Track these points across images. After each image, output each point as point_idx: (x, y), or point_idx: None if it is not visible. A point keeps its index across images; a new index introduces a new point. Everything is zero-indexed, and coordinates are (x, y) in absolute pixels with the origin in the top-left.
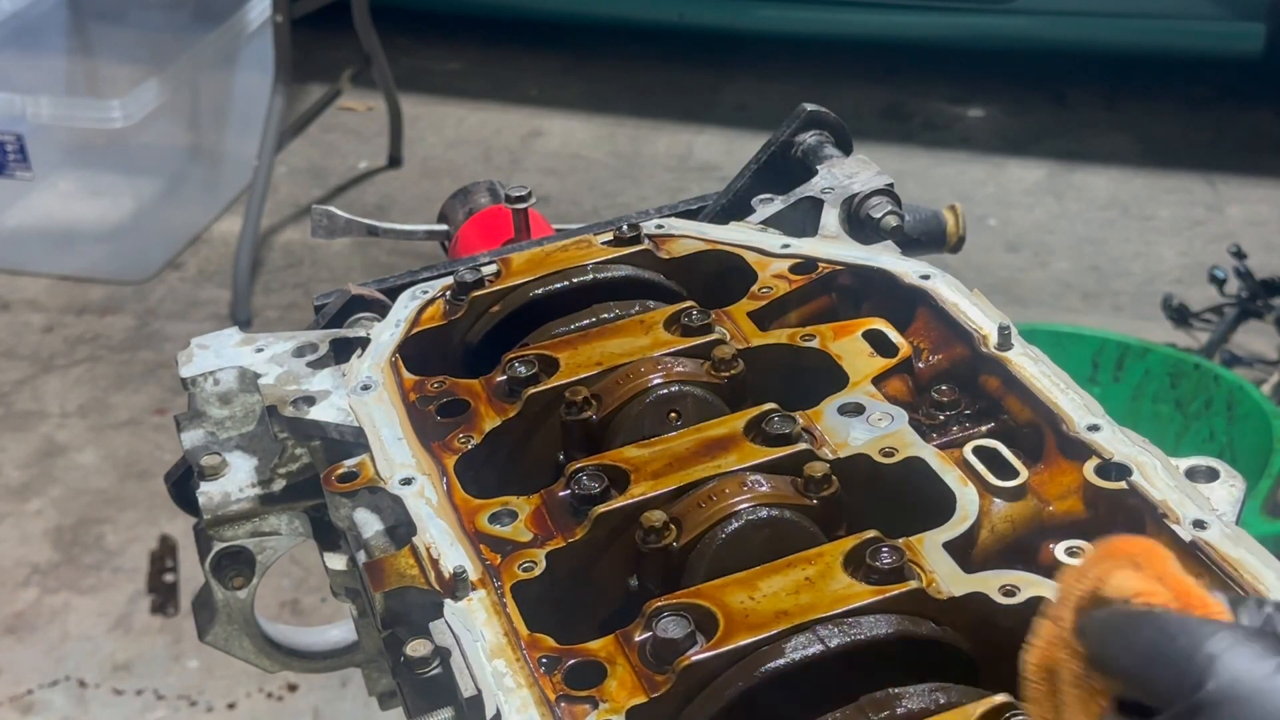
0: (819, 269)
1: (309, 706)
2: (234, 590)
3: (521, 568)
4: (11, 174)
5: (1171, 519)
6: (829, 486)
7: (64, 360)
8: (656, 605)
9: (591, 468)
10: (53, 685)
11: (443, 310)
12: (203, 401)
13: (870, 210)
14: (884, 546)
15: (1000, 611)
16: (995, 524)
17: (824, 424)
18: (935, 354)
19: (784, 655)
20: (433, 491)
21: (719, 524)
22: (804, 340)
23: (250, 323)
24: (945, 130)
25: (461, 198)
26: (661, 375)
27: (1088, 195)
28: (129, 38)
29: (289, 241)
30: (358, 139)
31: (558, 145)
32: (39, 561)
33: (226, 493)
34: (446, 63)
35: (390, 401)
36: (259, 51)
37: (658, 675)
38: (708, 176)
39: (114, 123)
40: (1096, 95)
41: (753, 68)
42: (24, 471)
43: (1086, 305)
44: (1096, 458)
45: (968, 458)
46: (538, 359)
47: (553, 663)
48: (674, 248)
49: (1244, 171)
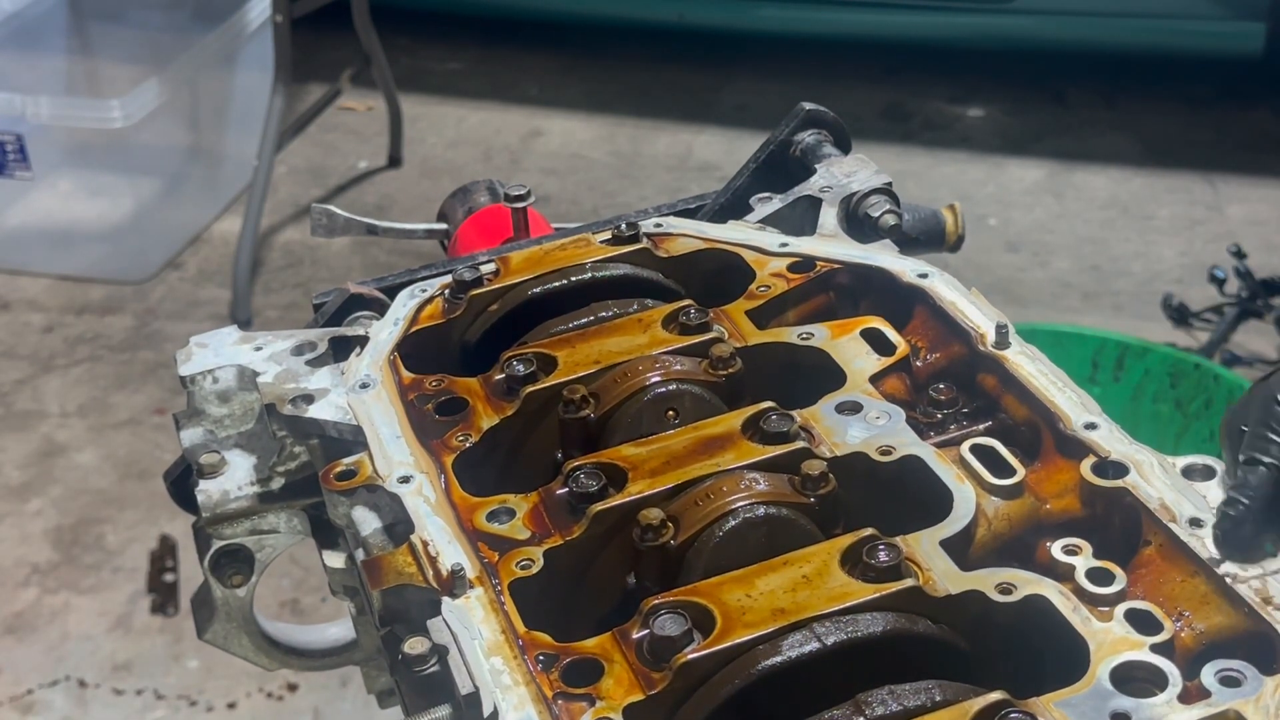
0: (817, 268)
1: (309, 706)
2: (233, 588)
3: (519, 565)
4: (11, 174)
5: (1168, 517)
6: (826, 484)
7: (64, 360)
8: (654, 603)
9: (589, 466)
10: (53, 685)
11: (441, 309)
12: (202, 400)
13: (868, 209)
14: (881, 544)
15: (997, 609)
16: (992, 522)
17: (821, 422)
18: (933, 352)
19: (781, 653)
20: (431, 489)
21: (716, 522)
22: (802, 339)
23: (250, 322)
24: (945, 130)
25: (461, 197)
26: (659, 374)
27: (1088, 195)
28: (129, 38)
29: (289, 241)
30: (358, 139)
31: (558, 145)
32: (39, 561)
33: (225, 491)
34: (446, 63)
35: (389, 400)
36: (259, 51)
37: (655, 673)
38: (707, 176)
39: (114, 123)
40: (1096, 95)
41: (753, 68)
42: (24, 471)
43: (1086, 305)
44: (1093, 456)
45: (965, 456)
46: (536, 357)
47: (550, 660)
48: (672, 246)
49: (1244, 171)
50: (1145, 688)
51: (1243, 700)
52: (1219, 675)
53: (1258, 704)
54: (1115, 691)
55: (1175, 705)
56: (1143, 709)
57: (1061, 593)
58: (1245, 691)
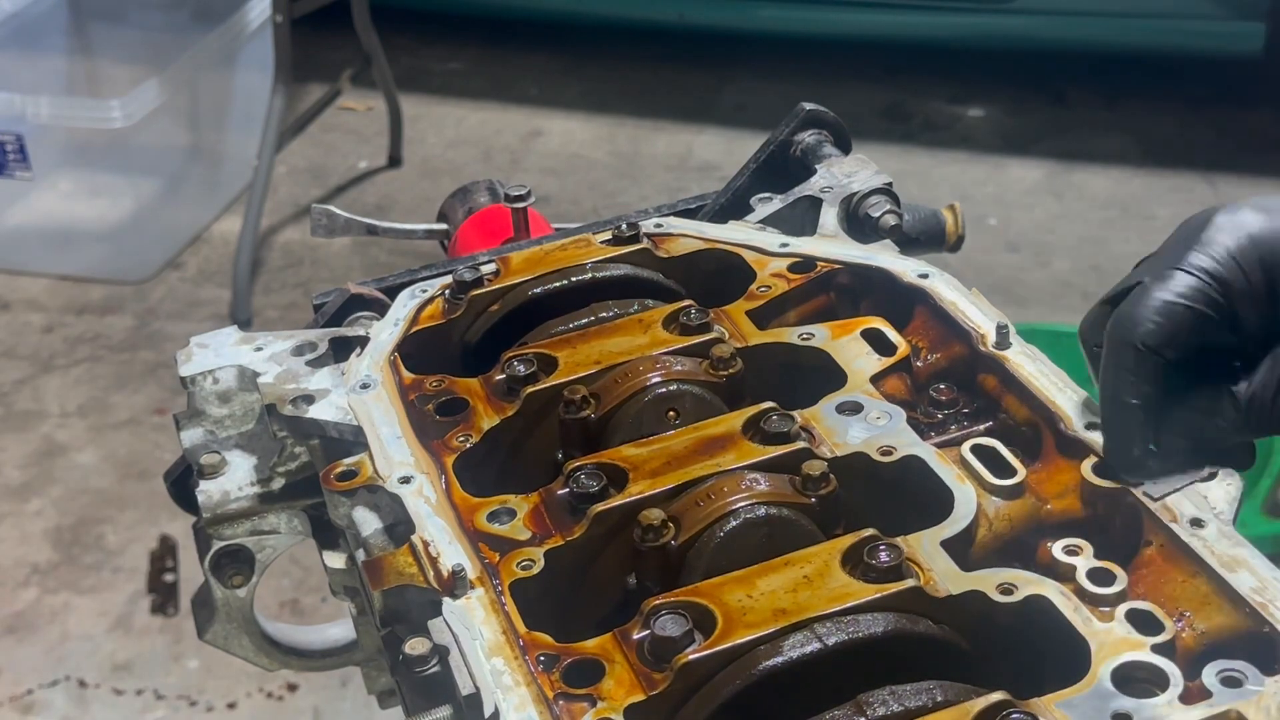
0: (817, 268)
1: (309, 706)
2: (233, 589)
3: (520, 566)
4: (11, 174)
5: (1169, 518)
6: (827, 485)
7: (64, 360)
8: (654, 603)
9: (590, 466)
10: (53, 685)
11: (442, 309)
12: (202, 400)
13: (869, 209)
14: (882, 545)
15: (998, 609)
16: (993, 522)
17: (822, 423)
18: (933, 353)
19: (782, 653)
20: (431, 490)
21: (717, 522)
22: (802, 339)
23: (250, 322)
24: (945, 130)
25: (461, 197)
26: (660, 374)
27: (1088, 195)
28: (129, 38)
29: (289, 241)
30: (358, 139)
31: (558, 145)
32: (39, 561)
33: (226, 491)
34: (446, 63)
35: (389, 400)
36: (259, 51)
37: (655, 673)
38: (708, 176)
39: (114, 123)
40: (1096, 95)
41: (753, 68)
42: (24, 471)
43: (1086, 305)
44: (1094, 456)
45: (966, 456)
46: (536, 358)
47: (551, 661)
48: (673, 247)
49: (1244, 171)
50: (1146, 688)
51: (1244, 701)
52: (1220, 676)
53: (1259, 704)
54: (1116, 692)
55: (1176, 705)
56: (1144, 709)
57: (1062, 593)
58: (1246, 692)
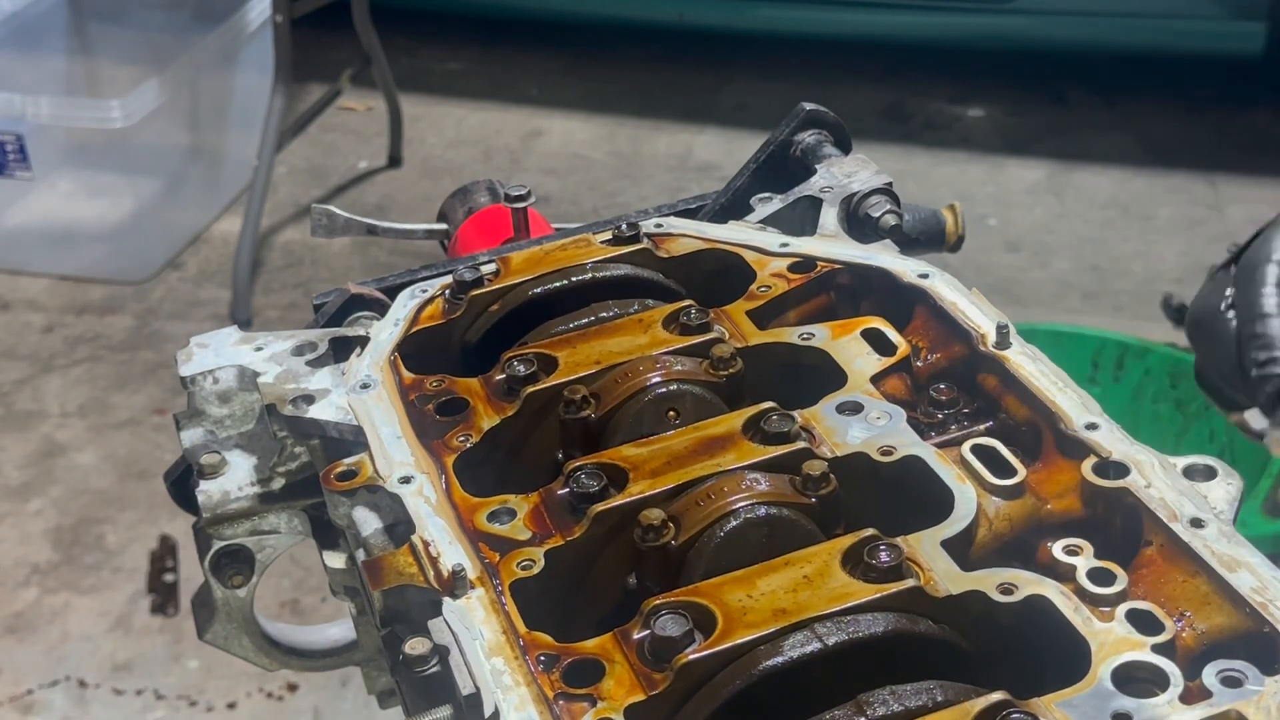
0: (818, 268)
1: (309, 706)
2: (233, 589)
3: (520, 566)
4: (11, 174)
5: (1169, 517)
6: (827, 485)
7: (64, 360)
8: (655, 603)
9: (590, 466)
10: (53, 685)
11: (442, 309)
12: (202, 400)
13: (869, 209)
14: (882, 545)
15: (998, 609)
16: (993, 522)
17: (822, 422)
18: (934, 353)
19: (782, 653)
20: (431, 490)
21: (717, 522)
22: (803, 339)
23: (250, 322)
24: (945, 130)
25: (461, 197)
26: (660, 374)
27: (1088, 195)
28: (129, 38)
29: (289, 241)
30: (358, 139)
31: (558, 145)
32: (39, 561)
33: (226, 491)
34: (446, 63)
35: (389, 400)
36: (259, 51)
37: (656, 673)
38: (708, 176)
39: (114, 123)
40: (1096, 95)
41: (753, 68)
42: (24, 471)
43: (1086, 305)
44: (1094, 456)
45: (966, 456)
46: (536, 358)
47: (551, 661)
48: (673, 247)
49: (1244, 171)
50: (1146, 688)
51: (1244, 701)
52: (1220, 675)
53: (1259, 704)
54: (1116, 692)
55: (1176, 705)
56: (1144, 709)
57: (1063, 593)
58: (1246, 692)
